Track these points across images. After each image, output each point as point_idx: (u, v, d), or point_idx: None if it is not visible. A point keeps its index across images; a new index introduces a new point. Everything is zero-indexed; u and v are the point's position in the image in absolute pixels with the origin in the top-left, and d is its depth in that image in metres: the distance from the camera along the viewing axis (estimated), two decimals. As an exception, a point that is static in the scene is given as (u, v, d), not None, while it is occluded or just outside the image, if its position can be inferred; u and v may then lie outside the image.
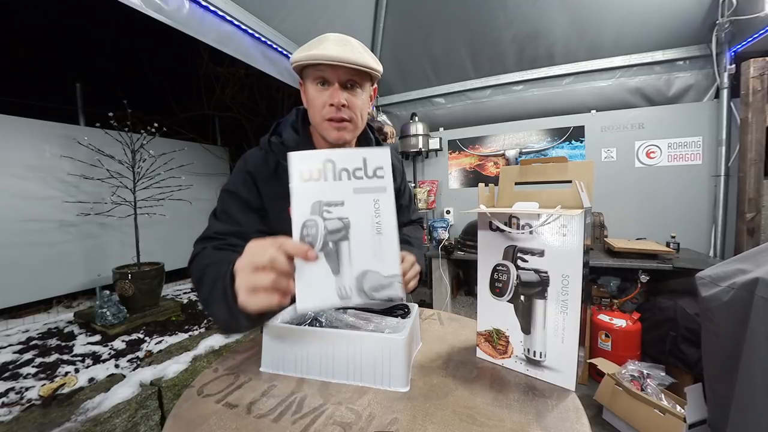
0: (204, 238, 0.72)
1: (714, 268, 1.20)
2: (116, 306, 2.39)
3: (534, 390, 0.59)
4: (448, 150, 3.09)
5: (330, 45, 0.68)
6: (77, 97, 3.12)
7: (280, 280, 0.46)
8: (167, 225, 3.38)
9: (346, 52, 0.67)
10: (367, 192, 0.51)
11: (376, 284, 0.50)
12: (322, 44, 0.69)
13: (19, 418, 1.33)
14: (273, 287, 0.46)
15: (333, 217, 0.50)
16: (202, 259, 0.66)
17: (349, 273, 0.50)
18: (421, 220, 1.11)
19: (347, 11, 2.56)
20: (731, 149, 2.11)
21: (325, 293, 0.49)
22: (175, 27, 1.54)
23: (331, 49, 0.67)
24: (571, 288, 0.57)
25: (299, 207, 0.49)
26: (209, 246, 0.69)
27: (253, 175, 0.75)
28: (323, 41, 0.70)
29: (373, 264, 0.51)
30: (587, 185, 0.67)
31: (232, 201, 0.75)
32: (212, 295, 0.56)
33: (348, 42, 0.71)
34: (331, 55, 0.66)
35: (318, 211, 0.49)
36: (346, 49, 0.69)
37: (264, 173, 0.76)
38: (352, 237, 0.51)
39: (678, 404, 1.49)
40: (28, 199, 2.69)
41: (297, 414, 0.54)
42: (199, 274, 0.63)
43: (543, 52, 2.60)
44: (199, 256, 0.68)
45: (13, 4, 4.08)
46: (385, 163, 0.52)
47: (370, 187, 0.51)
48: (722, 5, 1.99)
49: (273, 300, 0.46)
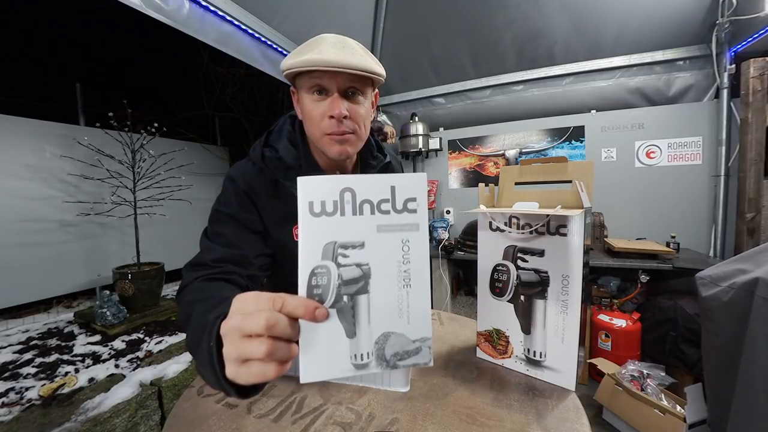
0: (195, 265, 0.61)
1: (714, 268, 1.20)
2: (116, 306, 2.39)
3: (534, 390, 0.59)
4: (448, 150, 3.09)
5: (327, 48, 0.59)
6: (77, 97, 3.12)
7: (278, 349, 0.34)
8: (167, 225, 3.38)
9: (345, 56, 0.58)
10: (394, 231, 0.40)
11: (400, 350, 0.40)
12: (318, 47, 0.60)
13: (19, 418, 1.33)
14: (269, 357, 0.33)
15: (350, 263, 0.40)
16: (190, 294, 0.55)
17: (368, 336, 0.40)
18: None
19: (347, 11, 2.56)
20: (731, 149, 2.11)
21: (337, 361, 0.39)
22: (175, 27, 1.54)
23: (328, 53, 0.58)
24: (571, 288, 0.57)
25: (308, 249, 0.39)
26: (201, 276, 0.58)
27: (250, 195, 0.67)
28: (319, 43, 0.61)
29: (398, 325, 0.40)
30: (587, 185, 0.67)
31: (228, 222, 0.66)
32: (198, 352, 0.42)
33: (347, 44, 0.62)
34: (329, 60, 0.57)
35: (331, 255, 0.39)
36: (345, 52, 0.60)
37: (262, 194, 0.68)
38: (372, 289, 0.40)
39: (678, 404, 1.49)
40: (28, 199, 2.69)
41: (297, 414, 0.54)
42: (186, 313, 0.50)
43: (543, 52, 2.60)
44: (187, 288, 0.57)
45: (14, 4, 4.08)
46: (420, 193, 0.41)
47: (399, 224, 0.40)
48: (722, 5, 1.99)
49: (269, 372, 0.34)
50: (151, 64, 4.73)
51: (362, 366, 0.39)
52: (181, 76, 4.74)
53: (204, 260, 0.61)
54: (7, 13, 4.03)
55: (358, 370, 0.39)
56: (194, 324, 0.46)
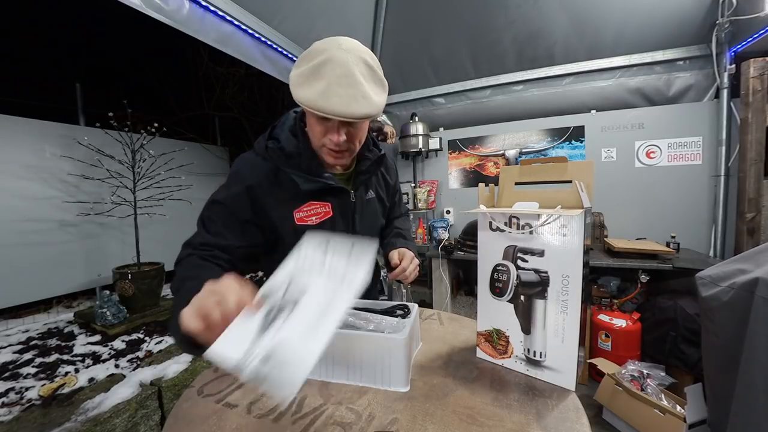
0: (191, 244, 0.71)
1: (714, 268, 1.20)
2: (116, 306, 2.39)
3: (534, 390, 0.59)
4: (448, 150, 3.09)
5: (333, 95, 0.61)
6: (77, 97, 3.12)
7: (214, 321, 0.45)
8: (167, 225, 3.38)
9: (350, 106, 0.62)
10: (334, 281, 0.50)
11: (281, 359, 0.41)
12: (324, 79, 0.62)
13: (19, 418, 1.33)
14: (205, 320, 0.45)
15: (296, 283, 0.50)
16: (185, 269, 0.66)
17: (270, 338, 0.43)
18: (407, 212, 1.12)
19: (347, 11, 2.55)
20: (731, 149, 2.11)
21: (234, 347, 0.42)
22: (175, 27, 1.54)
23: (335, 103, 0.61)
24: (571, 288, 0.57)
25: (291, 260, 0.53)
26: (195, 254, 0.68)
27: (254, 188, 0.74)
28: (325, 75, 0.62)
29: (298, 340, 0.43)
30: (587, 185, 0.67)
31: (220, 212, 0.74)
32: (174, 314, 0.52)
33: (352, 82, 0.62)
34: (335, 110, 0.62)
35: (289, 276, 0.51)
36: (350, 93, 0.62)
37: (265, 184, 0.75)
38: (299, 305, 0.47)
39: (678, 404, 1.49)
40: (28, 199, 2.69)
41: (297, 414, 0.54)
42: (178, 284, 0.63)
43: (543, 52, 2.60)
44: (183, 262, 0.68)
45: (14, 4, 4.08)
46: None
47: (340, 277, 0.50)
48: (722, 5, 1.99)
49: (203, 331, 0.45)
50: (151, 64, 4.74)
51: (244, 362, 0.40)
52: (181, 76, 4.74)
53: (196, 242, 0.71)
54: (8, 13, 4.03)
55: (238, 364, 0.40)
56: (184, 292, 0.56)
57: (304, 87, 0.63)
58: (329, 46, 0.64)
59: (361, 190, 0.87)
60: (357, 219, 0.85)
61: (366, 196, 0.89)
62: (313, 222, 0.78)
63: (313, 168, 0.75)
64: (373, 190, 0.91)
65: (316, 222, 0.78)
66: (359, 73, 0.63)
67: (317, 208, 0.79)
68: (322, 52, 0.63)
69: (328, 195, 0.80)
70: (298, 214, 0.77)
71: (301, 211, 0.77)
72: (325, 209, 0.79)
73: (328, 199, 0.80)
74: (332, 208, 0.80)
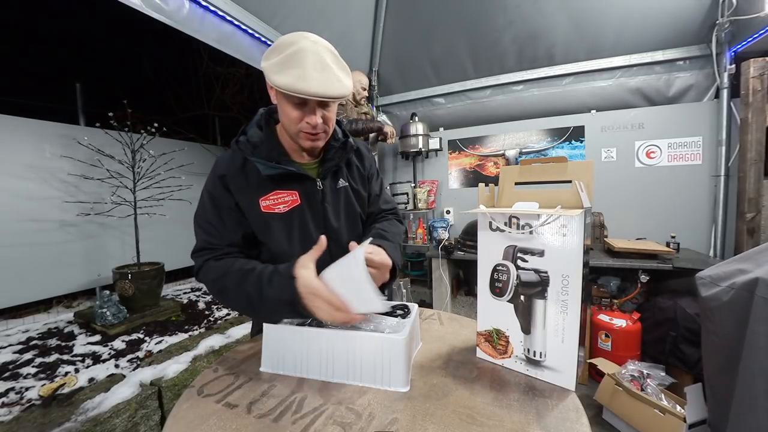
0: (200, 250, 0.78)
1: (714, 268, 1.20)
2: (116, 306, 2.39)
3: (534, 390, 0.59)
4: (448, 150, 3.09)
5: (310, 73, 0.66)
6: (77, 97, 3.12)
7: None
8: (167, 225, 3.38)
9: (326, 86, 0.68)
10: None
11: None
12: (300, 66, 0.67)
13: (19, 418, 1.33)
14: None
15: None
16: (211, 273, 0.74)
17: None
18: (396, 210, 1.04)
19: (347, 11, 2.56)
20: (731, 149, 2.11)
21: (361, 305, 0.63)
22: (175, 27, 1.54)
23: (312, 82, 0.66)
24: (571, 288, 0.57)
25: None
26: (210, 258, 0.76)
27: (225, 177, 0.79)
28: (300, 62, 0.67)
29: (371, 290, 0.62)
30: (587, 185, 0.67)
31: (213, 208, 0.79)
32: (266, 299, 0.65)
33: (325, 66, 0.69)
34: (314, 91, 0.66)
35: None
36: (324, 76, 0.68)
37: (233, 171, 0.79)
38: None
39: (678, 404, 1.49)
40: (28, 199, 2.69)
41: (297, 414, 0.54)
42: (219, 286, 0.72)
43: (543, 52, 2.60)
44: (203, 269, 0.76)
45: (13, 4, 4.08)
46: None
47: None
48: (722, 5, 1.99)
49: None
50: (151, 64, 4.73)
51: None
52: (181, 76, 4.74)
53: (204, 246, 0.78)
54: (8, 13, 4.03)
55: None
56: (249, 287, 0.67)
57: (281, 74, 0.67)
58: (297, 39, 0.69)
59: (329, 178, 0.86)
60: (328, 208, 0.85)
61: (336, 185, 0.88)
62: (281, 210, 0.80)
63: (273, 155, 0.78)
64: (344, 179, 0.90)
65: (284, 210, 0.80)
66: (329, 60, 0.70)
67: (284, 196, 0.80)
68: (293, 44, 0.69)
69: (294, 182, 0.81)
70: (264, 202, 0.79)
71: (267, 199, 0.79)
72: (292, 197, 0.80)
73: (293, 187, 0.81)
74: (299, 197, 0.81)
